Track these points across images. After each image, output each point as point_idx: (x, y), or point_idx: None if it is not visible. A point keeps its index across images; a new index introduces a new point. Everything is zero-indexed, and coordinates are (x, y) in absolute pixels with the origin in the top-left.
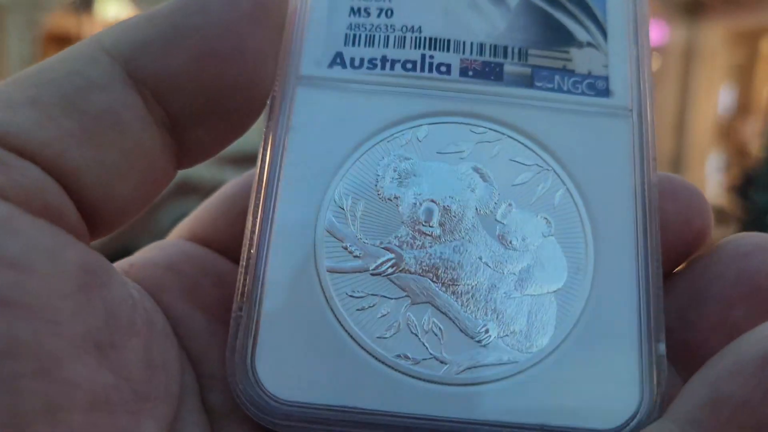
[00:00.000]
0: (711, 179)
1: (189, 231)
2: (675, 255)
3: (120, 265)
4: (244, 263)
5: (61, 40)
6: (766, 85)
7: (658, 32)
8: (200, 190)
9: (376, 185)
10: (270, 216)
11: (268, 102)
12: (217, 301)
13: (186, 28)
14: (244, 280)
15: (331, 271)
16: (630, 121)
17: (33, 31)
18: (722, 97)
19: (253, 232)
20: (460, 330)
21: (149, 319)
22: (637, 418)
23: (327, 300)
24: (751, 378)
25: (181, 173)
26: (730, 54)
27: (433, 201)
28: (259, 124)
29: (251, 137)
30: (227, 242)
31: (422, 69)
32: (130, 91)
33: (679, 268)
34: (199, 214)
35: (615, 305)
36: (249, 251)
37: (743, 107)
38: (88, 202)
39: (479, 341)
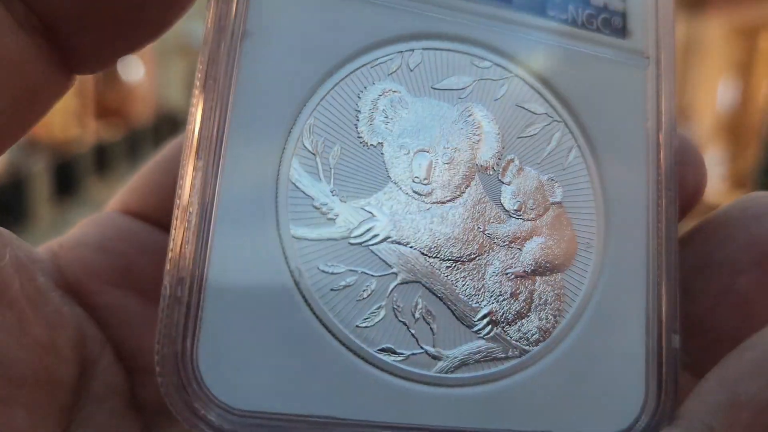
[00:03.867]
0: (711, 174)
1: (123, 203)
2: None
3: (49, 246)
4: (177, 221)
5: None
6: (765, 80)
7: None
8: None
9: (356, 125)
10: (215, 160)
11: None
12: (154, 281)
13: None
14: (180, 246)
15: (299, 237)
16: (647, 70)
17: None
18: (721, 93)
19: (193, 179)
20: (456, 317)
21: (35, 290)
22: (641, 422)
23: (293, 276)
24: None
25: None
26: (729, 49)
27: (427, 151)
28: None
29: None
30: (165, 213)
31: None
32: None
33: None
34: (133, 184)
35: (625, 288)
36: (185, 205)
37: (743, 103)
38: None
39: (478, 331)
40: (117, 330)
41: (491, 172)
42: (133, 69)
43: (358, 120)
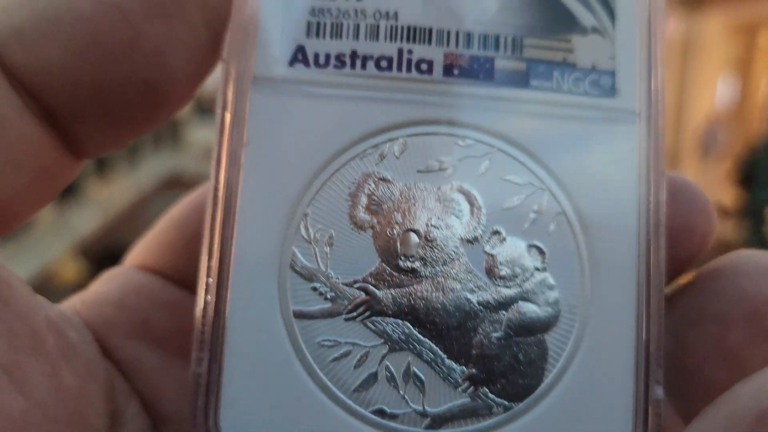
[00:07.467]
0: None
1: (140, 259)
2: (674, 263)
3: (72, 302)
4: (201, 308)
5: None
6: (763, 77)
7: None
8: (189, 184)
9: (347, 212)
10: (227, 252)
11: (218, 110)
12: (170, 333)
13: (67, 15)
14: (202, 328)
15: (299, 316)
16: (636, 128)
17: None
18: (720, 90)
19: (208, 271)
20: (443, 379)
21: (67, 344)
22: None
23: (295, 350)
24: None
25: (170, 167)
26: (728, 47)
27: (413, 230)
28: None
29: None
30: (179, 268)
31: (399, 68)
32: (2, 82)
33: (675, 285)
34: (149, 240)
35: (610, 347)
36: (205, 296)
37: (742, 100)
38: None
39: (464, 391)
40: (139, 382)
41: (477, 245)
42: None
43: (349, 208)
